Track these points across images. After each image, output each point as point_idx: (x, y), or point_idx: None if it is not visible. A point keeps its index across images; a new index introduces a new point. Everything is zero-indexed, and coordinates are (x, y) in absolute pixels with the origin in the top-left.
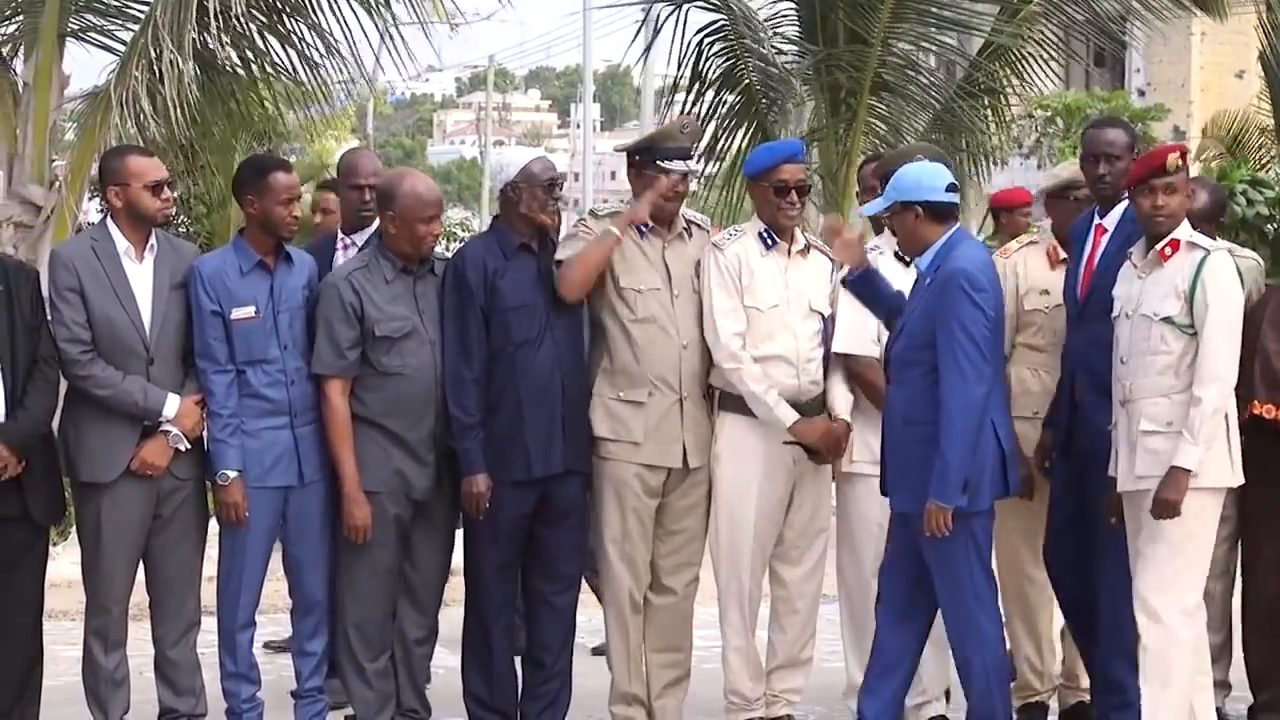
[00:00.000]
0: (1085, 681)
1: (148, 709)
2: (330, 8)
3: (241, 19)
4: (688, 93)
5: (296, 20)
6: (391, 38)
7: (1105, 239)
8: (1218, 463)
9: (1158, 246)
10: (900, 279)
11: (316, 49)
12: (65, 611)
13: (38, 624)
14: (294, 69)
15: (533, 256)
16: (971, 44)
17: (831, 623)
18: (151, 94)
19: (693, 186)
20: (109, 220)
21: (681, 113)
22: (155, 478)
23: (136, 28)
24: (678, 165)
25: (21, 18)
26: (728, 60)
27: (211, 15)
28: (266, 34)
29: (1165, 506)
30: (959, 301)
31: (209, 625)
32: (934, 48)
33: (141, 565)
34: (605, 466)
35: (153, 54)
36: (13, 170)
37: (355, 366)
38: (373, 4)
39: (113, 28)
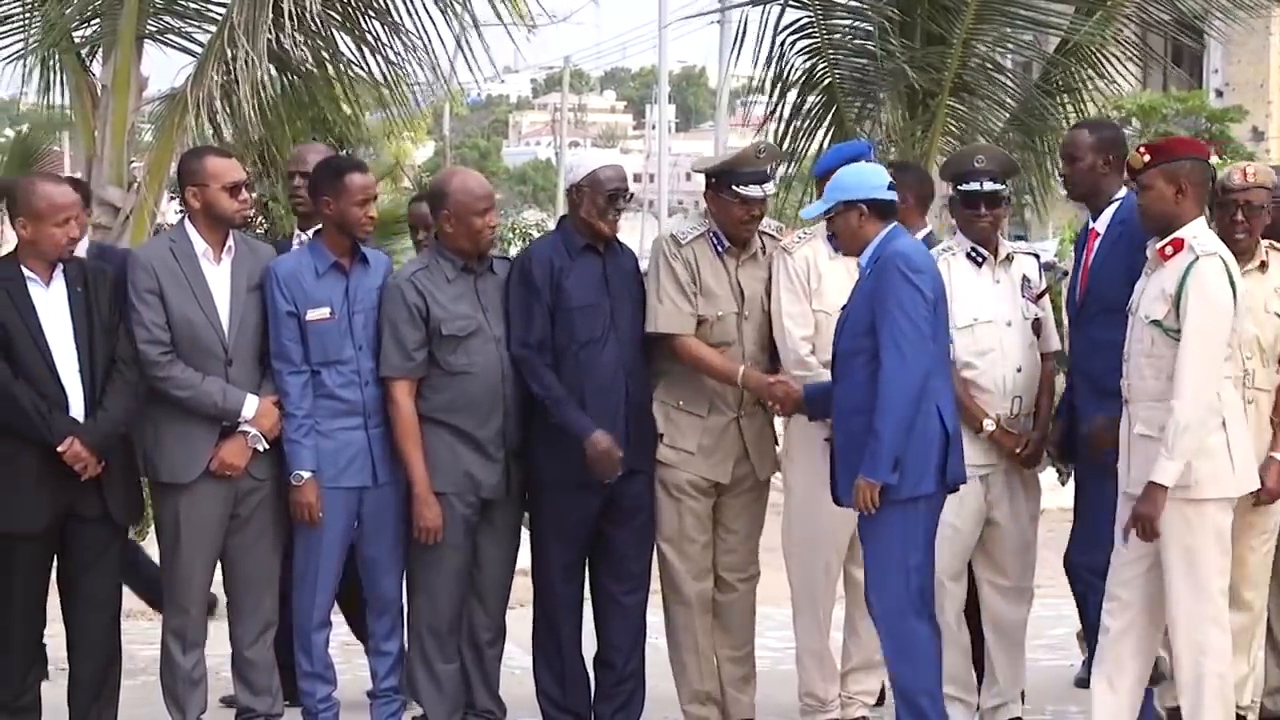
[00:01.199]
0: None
1: (224, 708)
2: (407, 8)
3: (318, 19)
4: (770, 93)
5: (374, 21)
6: (470, 37)
7: (1098, 242)
8: (1213, 473)
9: (1157, 246)
10: (972, 280)
11: (395, 50)
12: (143, 611)
13: (115, 623)
14: (370, 69)
15: (598, 257)
16: (1049, 42)
17: None
18: (228, 95)
19: (770, 189)
20: (187, 222)
21: (765, 116)
22: (233, 478)
23: (214, 29)
24: (753, 190)
25: (100, 20)
26: (809, 60)
27: (287, 15)
28: (343, 35)
29: (1140, 523)
30: (896, 283)
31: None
32: (1013, 48)
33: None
34: (660, 469)
35: (228, 55)
36: (91, 172)
37: (422, 367)
38: (450, 5)
39: (190, 29)
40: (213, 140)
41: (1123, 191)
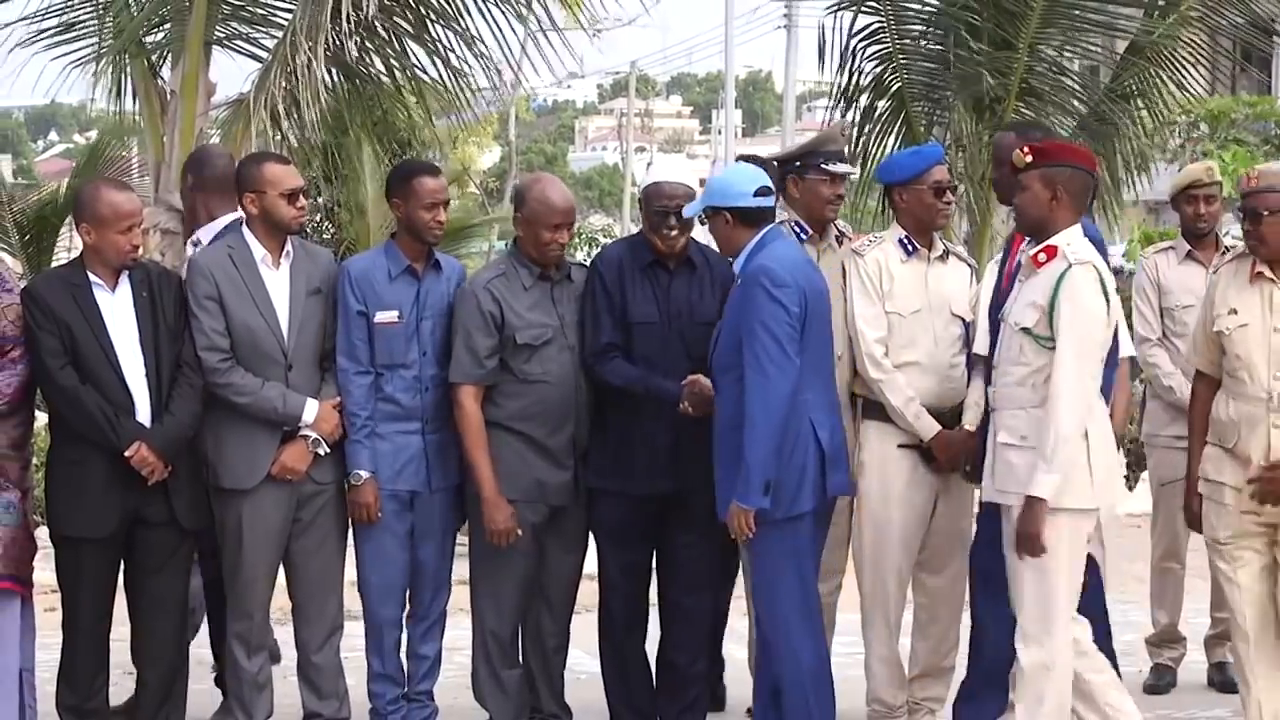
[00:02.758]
0: None
1: (292, 712)
2: (475, 14)
3: (384, 25)
4: (839, 99)
5: (440, 26)
6: (536, 43)
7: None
8: (1072, 484)
9: (1030, 252)
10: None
11: (462, 56)
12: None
13: (183, 627)
14: (436, 73)
15: (664, 274)
16: (1117, 46)
17: None
18: (295, 100)
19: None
20: (245, 227)
21: (833, 119)
22: (295, 482)
23: (280, 34)
24: (841, 167)
25: (169, 26)
26: (879, 65)
27: (347, 18)
28: (410, 40)
29: (1025, 541)
30: (758, 298)
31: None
32: (1080, 52)
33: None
34: None
35: (290, 60)
36: (160, 177)
37: (492, 375)
38: (517, 10)
39: (258, 35)
40: (279, 146)
41: None
